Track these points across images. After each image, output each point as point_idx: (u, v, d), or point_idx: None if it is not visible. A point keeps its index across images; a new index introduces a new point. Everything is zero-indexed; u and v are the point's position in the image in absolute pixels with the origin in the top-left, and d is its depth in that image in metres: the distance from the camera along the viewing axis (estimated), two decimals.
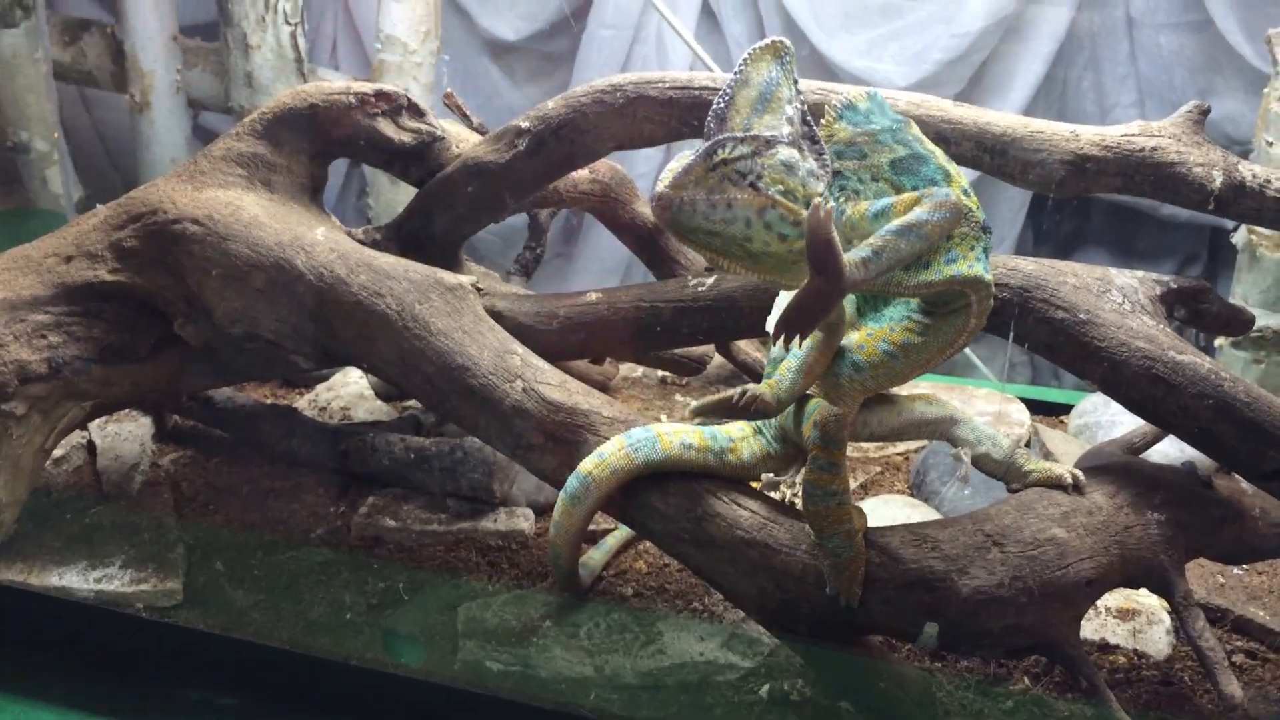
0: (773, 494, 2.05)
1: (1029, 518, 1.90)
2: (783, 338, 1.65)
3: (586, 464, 2.00)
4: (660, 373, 3.31)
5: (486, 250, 4.60)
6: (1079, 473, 1.96)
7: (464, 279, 2.28)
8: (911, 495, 2.81)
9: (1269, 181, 2.07)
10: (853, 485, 2.80)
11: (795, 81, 1.73)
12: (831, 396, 1.90)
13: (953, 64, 4.24)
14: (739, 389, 1.81)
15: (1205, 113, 2.15)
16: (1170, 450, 2.41)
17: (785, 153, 1.64)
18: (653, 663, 2.14)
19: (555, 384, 2.14)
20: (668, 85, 2.25)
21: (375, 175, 4.30)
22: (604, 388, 3.12)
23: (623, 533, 2.51)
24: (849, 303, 2.00)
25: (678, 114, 2.25)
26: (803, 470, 2.00)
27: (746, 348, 3.16)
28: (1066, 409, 3.34)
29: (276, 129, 2.45)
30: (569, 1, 4.79)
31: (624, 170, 2.94)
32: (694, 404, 1.83)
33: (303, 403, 3.14)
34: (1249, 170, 2.09)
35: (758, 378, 3.20)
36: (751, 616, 2.03)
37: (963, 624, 1.83)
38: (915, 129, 1.82)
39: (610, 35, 4.63)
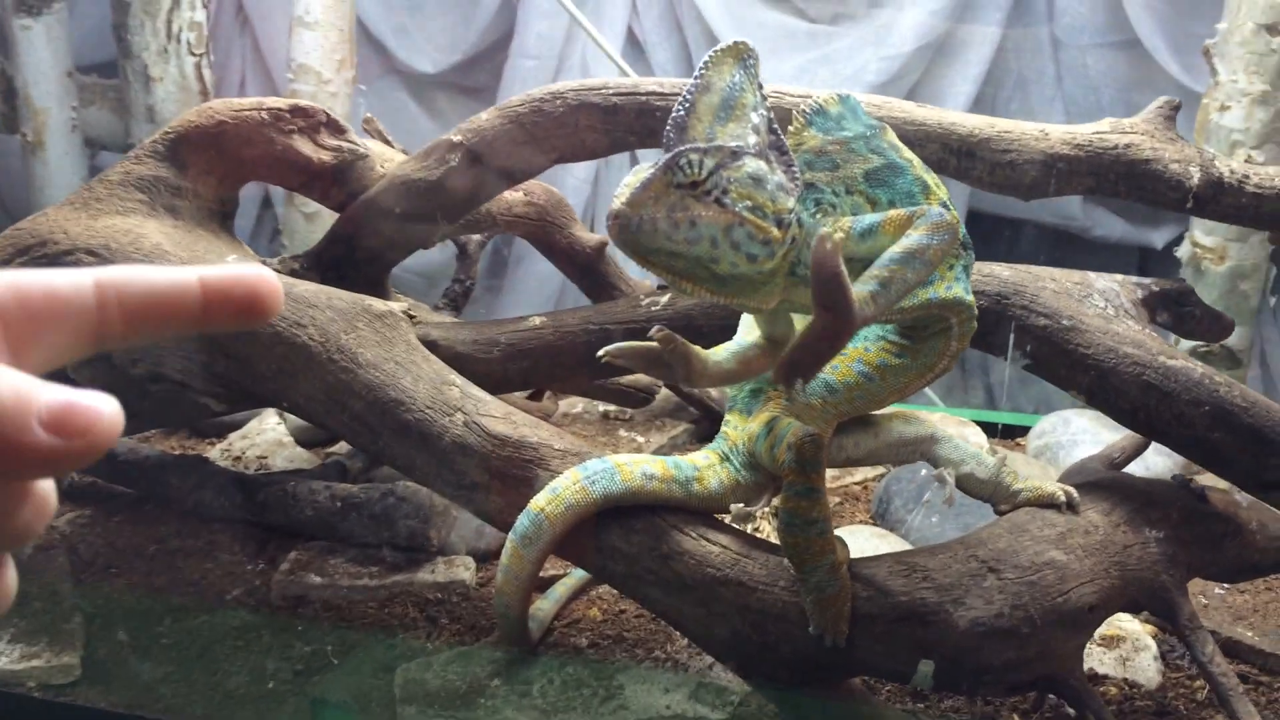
0: (744, 526, 1.87)
1: (1024, 540, 1.75)
2: (784, 380, 1.50)
3: (539, 500, 1.80)
4: (603, 407, 3.13)
5: (409, 289, 4.37)
6: (1072, 490, 1.82)
7: (394, 305, 2.08)
8: (875, 525, 2.65)
9: (1247, 177, 1.98)
10: None
11: (760, 86, 1.58)
12: (803, 420, 1.75)
13: (884, 87, 4.16)
14: (656, 329, 1.65)
15: (1176, 108, 2.06)
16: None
17: (752, 165, 1.49)
18: (615, 719, 1.94)
19: (499, 416, 1.95)
20: (611, 91, 2.09)
21: (289, 214, 4.08)
22: None
23: (573, 579, 2.31)
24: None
25: (624, 122, 2.09)
26: (777, 499, 1.85)
27: None
28: (1024, 431, 3.23)
29: (181, 150, 2.24)
30: (489, 32, 4.66)
31: (560, 193, 2.77)
32: (605, 350, 1.67)
33: (214, 452, 2.90)
34: (1226, 166, 1.99)
35: (706, 410, 3.05)
36: (726, 663, 1.85)
37: (961, 660, 1.67)
38: (891, 135, 1.69)
39: (533, 65, 4.49)
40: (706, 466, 1.85)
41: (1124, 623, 2.31)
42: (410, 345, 2.04)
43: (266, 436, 2.95)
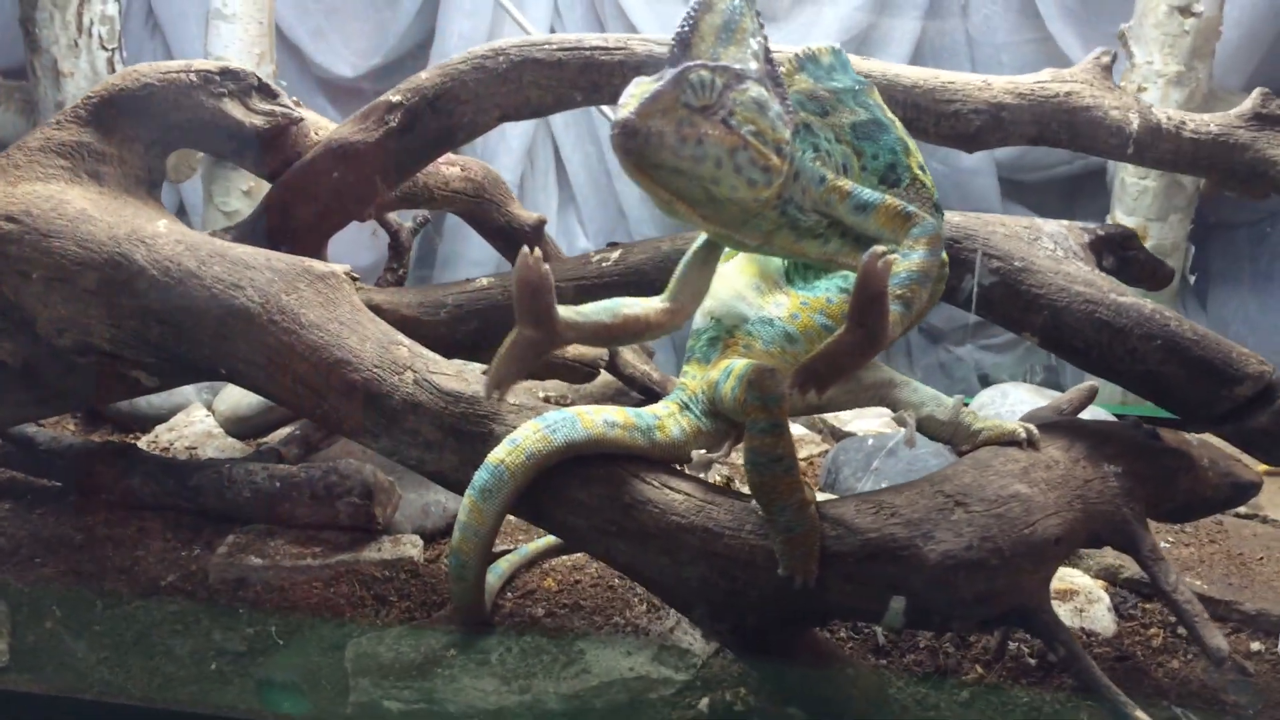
0: (705, 475, 1.83)
1: (989, 475, 1.74)
2: (799, 386, 1.49)
3: (498, 452, 1.75)
4: (541, 391, 3.08)
5: None
6: (1032, 427, 1.83)
7: (336, 267, 2.01)
8: (826, 494, 2.64)
9: (1184, 123, 2.02)
10: None
11: (758, 14, 1.57)
12: None
13: None
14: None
15: (1113, 59, 2.10)
16: None
17: (755, 90, 1.47)
18: (578, 683, 1.88)
19: (451, 373, 1.89)
20: (556, 47, 2.06)
21: (209, 214, 3.96)
22: None
23: (516, 556, 2.26)
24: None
25: (568, 78, 2.06)
26: (738, 443, 1.82)
27: (633, 360, 2.96)
28: None
29: (105, 114, 2.15)
30: (410, 34, 4.60)
31: (497, 171, 2.73)
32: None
33: (140, 445, 2.77)
34: (1162, 113, 2.03)
35: (646, 391, 3.01)
36: (691, 615, 1.81)
37: (933, 594, 1.65)
38: (876, 94, 1.70)
39: None
40: (667, 415, 1.81)
41: (1075, 577, 2.33)
42: (354, 306, 1.98)
43: (195, 428, 2.84)
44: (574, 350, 2.66)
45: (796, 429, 3.06)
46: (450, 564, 1.88)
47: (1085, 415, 2.19)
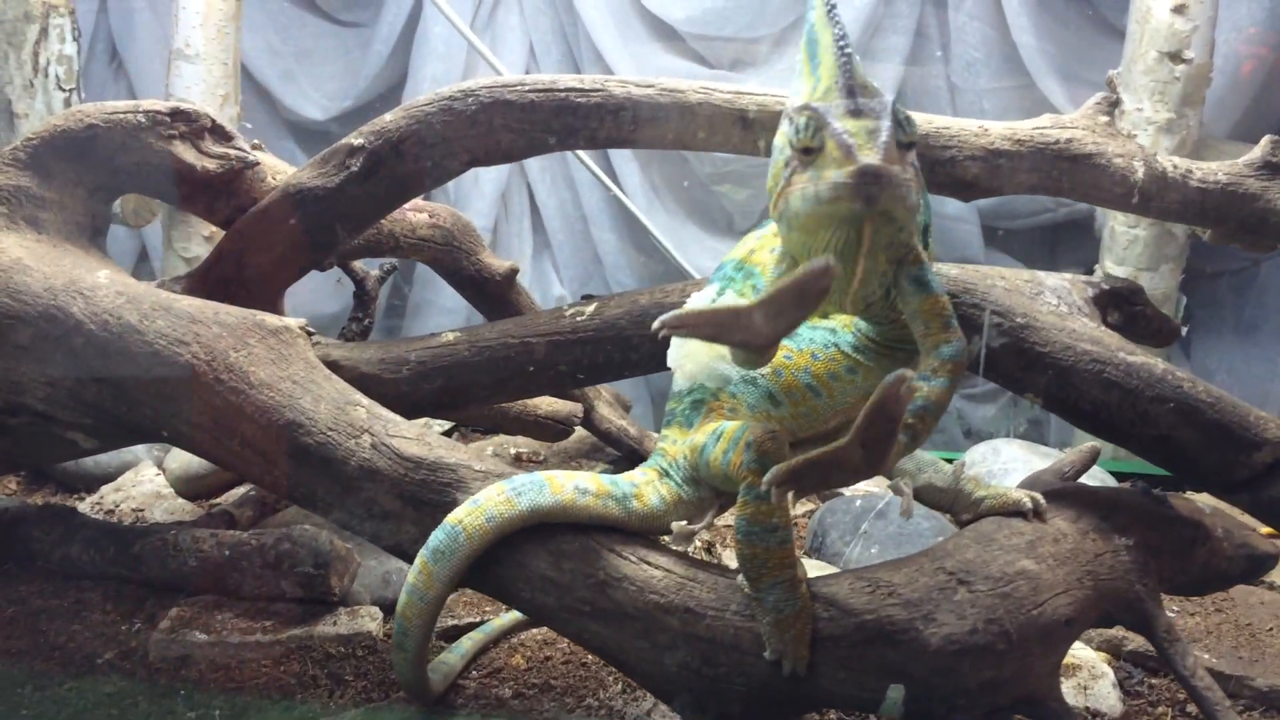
0: (686, 548, 1.70)
1: (993, 550, 1.61)
2: (780, 483, 1.35)
3: (456, 513, 1.62)
4: (514, 449, 2.94)
5: None
6: (1038, 496, 1.70)
7: (291, 321, 1.88)
8: (811, 559, 2.50)
9: (1190, 171, 1.92)
10: None
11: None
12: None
13: None
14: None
15: (1114, 104, 2.00)
16: None
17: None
18: None
19: (412, 437, 1.76)
20: (529, 88, 1.94)
21: (169, 259, 3.81)
22: None
23: (480, 634, 2.11)
24: None
25: (541, 120, 1.94)
26: (721, 513, 1.69)
27: (610, 414, 2.83)
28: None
29: (46, 157, 2.01)
30: (381, 77, 4.50)
31: (469, 218, 2.60)
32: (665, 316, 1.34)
33: (84, 507, 2.61)
34: (1168, 161, 1.93)
35: (623, 447, 2.87)
36: (672, 703, 1.66)
37: (934, 682, 1.52)
38: None
39: None
40: (645, 483, 1.68)
41: (1078, 650, 2.20)
42: (309, 363, 1.84)
43: (143, 488, 2.67)
44: (547, 406, 2.53)
45: None
46: (394, 631, 1.74)
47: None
